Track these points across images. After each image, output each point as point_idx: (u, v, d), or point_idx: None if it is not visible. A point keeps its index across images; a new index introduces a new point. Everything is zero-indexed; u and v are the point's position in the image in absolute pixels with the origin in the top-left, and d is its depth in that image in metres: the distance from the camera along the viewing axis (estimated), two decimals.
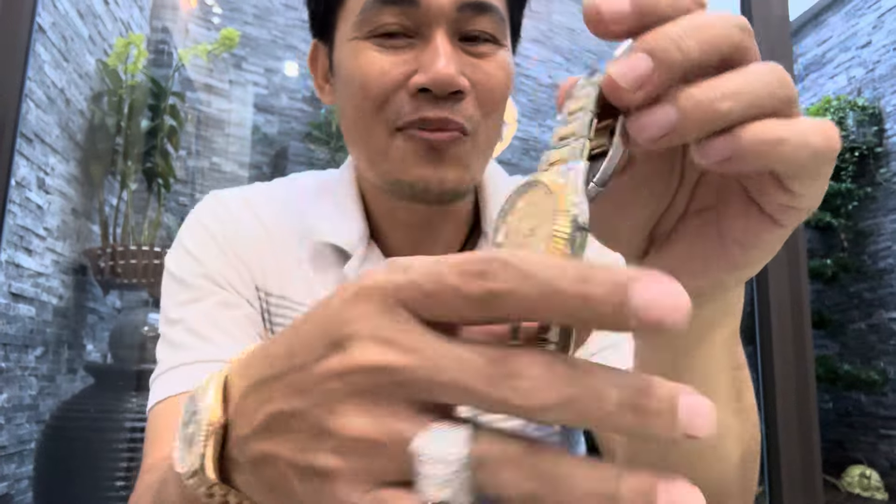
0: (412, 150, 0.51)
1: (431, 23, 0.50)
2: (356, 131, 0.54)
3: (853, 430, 5.33)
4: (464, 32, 0.51)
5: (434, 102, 0.50)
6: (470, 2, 0.50)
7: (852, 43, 5.60)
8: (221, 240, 0.58)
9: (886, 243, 5.24)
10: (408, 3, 0.49)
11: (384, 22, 0.50)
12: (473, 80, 0.51)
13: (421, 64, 0.50)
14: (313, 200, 0.60)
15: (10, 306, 2.48)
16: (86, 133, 3.07)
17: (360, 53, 0.51)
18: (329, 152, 4.37)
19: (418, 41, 0.51)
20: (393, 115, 0.51)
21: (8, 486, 2.55)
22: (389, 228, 0.59)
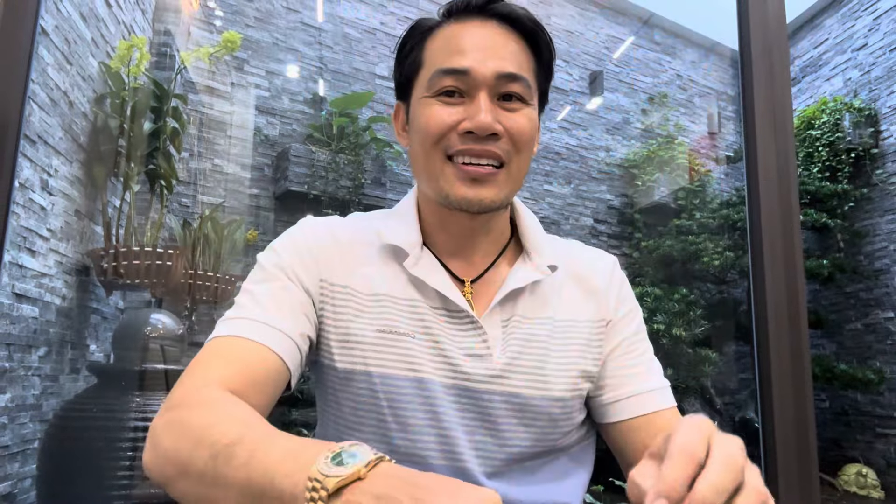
0: (458, 177, 0.72)
1: (478, 86, 0.72)
2: (421, 159, 0.75)
3: (849, 429, 5.36)
4: (500, 93, 0.73)
5: (476, 140, 0.71)
6: (504, 73, 0.72)
7: (848, 45, 5.63)
8: (301, 245, 0.77)
9: (882, 244, 5.26)
10: (461, 73, 0.72)
11: (445, 85, 0.72)
12: (506, 126, 0.72)
13: (468, 114, 0.71)
14: (383, 218, 0.82)
15: (14, 307, 2.49)
16: (89, 135, 3.08)
17: (428, 106, 0.73)
18: (330, 154, 4.38)
19: (468, 99, 0.73)
20: (446, 147, 0.73)
21: (11, 484, 2.55)
22: (440, 236, 0.80)
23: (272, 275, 0.75)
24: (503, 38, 0.74)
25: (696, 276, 5.30)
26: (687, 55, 6.49)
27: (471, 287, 0.78)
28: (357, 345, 0.73)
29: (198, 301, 3.69)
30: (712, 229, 5.29)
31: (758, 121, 1.34)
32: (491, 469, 0.73)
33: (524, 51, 0.75)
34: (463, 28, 0.74)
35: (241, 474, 0.50)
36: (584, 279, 0.82)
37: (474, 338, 0.74)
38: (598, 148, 5.87)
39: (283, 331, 0.70)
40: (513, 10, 0.75)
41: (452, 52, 0.73)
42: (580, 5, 5.94)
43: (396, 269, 0.76)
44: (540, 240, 0.82)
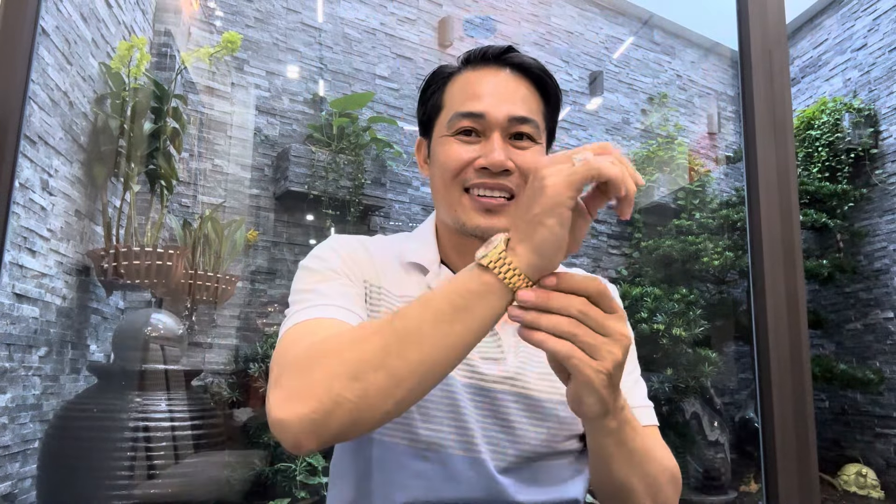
0: (474, 207, 0.81)
1: (492, 128, 0.81)
2: (441, 190, 0.84)
3: (849, 429, 5.36)
4: (512, 133, 0.82)
5: (490, 175, 0.80)
6: (516, 116, 0.81)
7: (848, 45, 5.64)
8: (342, 251, 0.84)
9: (882, 244, 5.27)
10: (478, 116, 0.81)
11: (463, 126, 0.82)
12: (517, 162, 0.81)
13: (484, 152, 0.81)
14: (405, 240, 0.92)
15: (14, 307, 2.49)
16: (89, 135, 3.08)
17: (447, 144, 0.83)
18: (330, 154, 4.39)
19: (483, 138, 0.82)
20: (463, 181, 0.82)
21: (12, 484, 2.55)
22: (455, 257, 0.89)
23: (327, 275, 0.80)
24: (515, 85, 0.84)
25: (695, 276, 5.30)
26: (687, 55, 6.50)
27: None
28: None
29: (198, 301, 3.69)
30: (712, 229, 5.29)
31: (758, 121, 1.34)
32: (504, 464, 0.79)
33: (533, 95, 0.85)
34: (479, 75, 0.84)
35: (436, 304, 0.60)
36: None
37: (490, 343, 0.83)
38: None
39: (355, 311, 0.75)
40: (524, 60, 0.84)
41: (470, 97, 0.82)
42: (580, 5, 5.94)
43: (419, 280, 0.86)
44: None
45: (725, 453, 4.49)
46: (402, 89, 4.94)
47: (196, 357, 3.87)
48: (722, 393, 5.11)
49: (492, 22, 5.41)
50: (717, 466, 4.40)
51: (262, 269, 4.25)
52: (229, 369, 3.87)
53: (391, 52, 4.92)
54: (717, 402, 4.67)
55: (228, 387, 3.71)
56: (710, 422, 4.48)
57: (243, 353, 3.82)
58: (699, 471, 4.38)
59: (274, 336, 3.82)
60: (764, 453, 1.26)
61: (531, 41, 5.60)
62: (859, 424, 5.28)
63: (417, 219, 4.84)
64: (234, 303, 4.03)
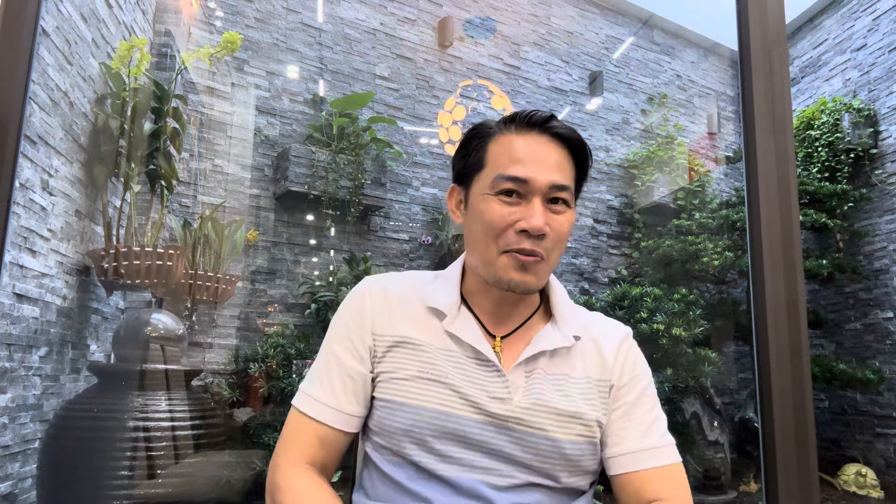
0: (511, 265, 0.88)
1: (534, 193, 0.88)
2: (481, 246, 0.91)
3: (849, 429, 5.36)
4: (550, 198, 0.89)
5: (529, 238, 0.87)
6: (556, 184, 0.88)
7: (848, 45, 5.64)
8: (356, 310, 0.96)
9: (882, 244, 5.27)
10: (522, 181, 0.87)
11: (506, 188, 0.88)
12: (552, 227, 0.88)
13: (525, 216, 0.87)
14: (430, 282, 0.99)
15: (15, 307, 2.49)
16: (89, 135, 3.08)
17: (490, 203, 0.89)
18: (330, 154, 4.39)
19: (524, 200, 0.88)
20: (504, 244, 0.88)
21: (12, 484, 2.55)
22: (480, 299, 0.96)
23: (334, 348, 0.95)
24: (554, 151, 0.90)
25: (695, 276, 5.30)
26: (686, 55, 6.50)
27: (500, 342, 0.94)
28: (401, 381, 0.90)
29: (198, 301, 3.69)
30: (712, 229, 5.29)
31: (757, 121, 1.34)
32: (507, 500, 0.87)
33: (569, 162, 0.92)
34: (523, 139, 0.90)
35: None
36: (599, 345, 0.97)
37: (499, 383, 0.89)
38: (597, 148, 5.87)
39: (340, 409, 0.91)
40: (563, 130, 0.91)
41: (514, 161, 0.88)
42: (580, 5, 5.94)
43: (437, 324, 0.93)
44: (567, 311, 0.98)
45: (725, 453, 4.49)
46: (402, 89, 4.94)
47: (196, 357, 3.87)
48: (722, 393, 5.11)
49: (492, 22, 5.41)
50: (717, 466, 4.40)
51: (263, 269, 4.25)
52: (229, 369, 3.87)
53: (391, 53, 4.92)
54: (717, 402, 4.67)
55: (228, 387, 3.71)
56: (710, 422, 4.48)
57: (243, 353, 3.82)
58: (699, 471, 4.38)
59: (274, 336, 3.82)
60: (764, 453, 1.26)
61: (531, 41, 5.60)
62: (859, 424, 5.28)
63: (417, 219, 4.85)
64: (235, 303, 4.03)
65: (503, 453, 0.87)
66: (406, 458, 0.88)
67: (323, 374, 0.93)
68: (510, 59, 5.46)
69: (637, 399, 0.95)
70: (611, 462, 0.93)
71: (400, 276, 1.01)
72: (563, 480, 0.89)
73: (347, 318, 0.95)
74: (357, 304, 0.96)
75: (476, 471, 0.87)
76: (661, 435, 0.94)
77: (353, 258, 4.41)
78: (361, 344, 0.93)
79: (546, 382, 0.91)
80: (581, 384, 0.93)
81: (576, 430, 0.89)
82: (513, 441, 0.87)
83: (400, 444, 0.89)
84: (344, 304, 0.98)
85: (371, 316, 0.94)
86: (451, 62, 5.16)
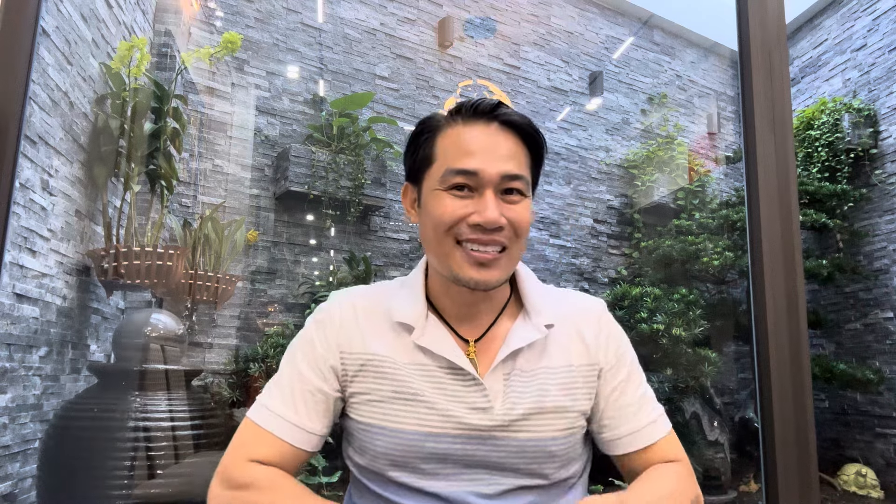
0: (467, 261, 0.85)
1: (485, 185, 0.84)
2: (433, 242, 0.87)
3: (849, 429, 5.36)
4: (503, 189, 0.85)
5: (483, 232, 0.84)
6: (508, 174, 0.84)
7: (848, 45, 5.64)
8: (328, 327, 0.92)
9: (882, 244, 5.27)
10: (471, 174, 0.84)
11: (457, 182, 0.85)
12: (508, 217, 0.85)
13: (477, 208, 0.84)
14: (395, 294, 0.94)
15: (15, 307, 2.49)
16: (89, 135, 3.08)
17: (441, 198, 0.85)
18: (330, 154, 4.39)
19: (476, 194, 0.85)
20: (456, 235, 0.85)
21: (12, 484, 2.55)
22: (446, 302, 0.92)
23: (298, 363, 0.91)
24: (505, 140, 0.86)
25: (695, 276, 5.30)
26: (686, 55, 6.50)
27: (474, 346, 0.91)
28: (376, 403, 0.87)
29: (198, 301, 3.69)
30: (712, 229, 5.29)
31: (757, 121, 1.34)
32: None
33: (521, 150, 0.88)
34: (471, 131, 0.86)
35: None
36: (577, 327, 0.94)
37: (477, 393, 0.86)
38: (597, 148, 5.87)
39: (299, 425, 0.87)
40: (512, 116, 0.87)
41: (463, 153, 0.85)
42: (580, 5, 5.94)
43: (407, 339, 0.89)
44: (538, 299, 0.94)
45: (725, 453, 4.49)
46: (402, 89, 4.94)
47: (196, 357, 3.87)
48: (722, 393, 5.11)
49: (492, 22, 5.41)
50: (717, 466, 4.40)
51: (262, 269, 4.25)
52: (229, 369, 3.87)
53: (391, 53, 4.92)
54: (717, 402, 4.67)
55: (228, 387, 3.71)
56: (710, 422, 4.48)
57: (243, 353, 3.83)
58: (699, 470, 4.38)
59: (274, 336, 3.82)
60: (764, 453, 1.26)
61: (531, 41, 5.60)
62: (859, 424, 5.28)
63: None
64: (234, 303, 4.03)
65: (489, 462, 0.85)
66: (391, 478, 0.86)
67: (284, 388, 0.89)
68: (510, 59, 5.46)
69: (627, 377, 0.93)
70: (610, 444, 0.93)
71: (369, 291, 0.97)
72: (553, 476, 0.88)
73: (314, 334, 0.91)
74: (325, 321, 0.92)
75: (463, 482, 0.85)
76: (654, 407, 0.94)
77: (353, 258, 4.41)
78: (325, 363, 0.89)
79: (525, 382, 0.88)
80: (562, 375, 0.90)
81: (559, 426, 0.88)
82: (497, 449, 0.85)
83: (383, 466, 0.87)
84: (312, 321, 0.94)
85: (339, 334, 0.91)
86: (451, 62, 5.16)
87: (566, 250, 5.52)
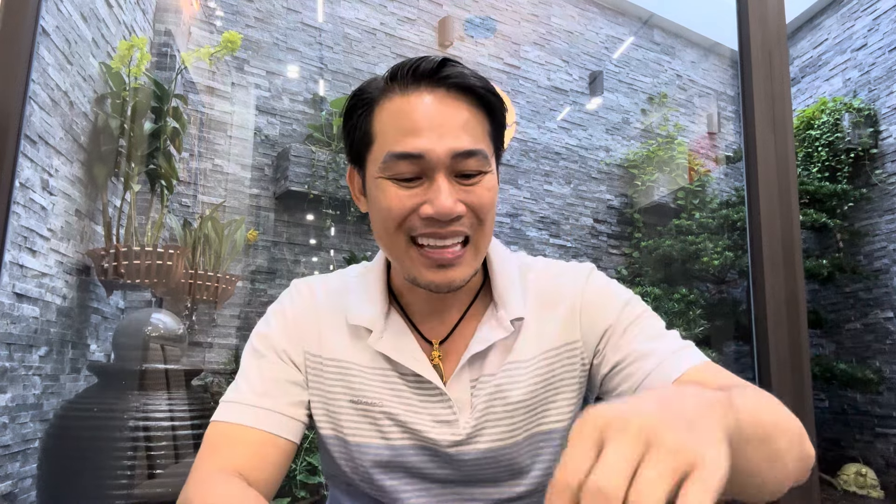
0: (425, 264, 0.71)
1: (434, 168, 0.69)
2: (385, 238, 0.73)
3: (849, 429, 5.36)
4: (458, 171, 0.70)
5: (439, 225, 0.69)
6: (461, 151, 0.68)
7: (848, 45, 5.64)
8: (289, 318, 0.81)
9: (882, 244, 5.27)
10: (416, 157, 0.68)
11: (400, 170, 0.69)
12: (467, 202, 0.70)
13: (428, 197, 0.69)
14: (354, 288, 0.82)
15: (15, 306, 2.49)
16: (89, 135, 3.08)
17: (384, 189, 0.70)
18: (330, 154, 4.39)
19: (426, 180, 0.69)
20: (409, 230, 0.71)
21: (12, 484, 2.55)
22: (411, 297, 0.80)
23: (263, 354, 0.79)
24: (454, 109, 0.70)
25: (695, 276, 5.30)
26: (687, 55, 6.50)
27: (439, 349, 0.79)
28: (334, 413, 0.78)
29: (198, 301, 3.69)
30: (712, 229, 5.29)
31: (757, 121, 1.34)
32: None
33: (476, 116, 0.71)
34: (411, 102, 0.70)
35: None
36: (554, 302, 0.80)
37: (441, 405, 0.76)
38: (597, 148, 5.87)
39: (276, 410, 0.75)
40: (463, 76, 0.70)
41: (404, 132, 0.69)
42: (580, 5, 5.94)
43: (364, 344, 0.78)
44: (508, 289, 0.79)
45: None
46: None
47: (196, 357, 3.87)
48: None
49: (492, 22, 5.41)
50: None
51: (262, 268, 4.25)
52: (229, 369, 3.87)
53: (391, 52, 4.92)
54: None
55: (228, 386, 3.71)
56: None
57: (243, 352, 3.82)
58: None
59: None
60: None
61: (531, 41, 5.60)
62: (859, 424, 5.28)
63: None
64: (234, 302, 4.03)
65: (462, 479, 0.76)
66: (361, 490, 0.78)
67: (253, 380, 0.77)
68: (510, 58, 5.45)
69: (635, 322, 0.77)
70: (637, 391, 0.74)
71: (329, 281, 0.85)
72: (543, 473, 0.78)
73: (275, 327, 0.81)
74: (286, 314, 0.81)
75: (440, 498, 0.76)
76: (675, 344, 0.74)
77: (353, 258, 4.41)
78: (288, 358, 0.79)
79: (492, 386, 0.76)
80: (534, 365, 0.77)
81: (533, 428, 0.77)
82: (471, 465, 0.75)
83: (350, 478, 0.78)
84: (272, 312, 0.83)
85: (298, 329, 0.80)
86: None
87: (566, 250, 5.52)
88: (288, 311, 0.82)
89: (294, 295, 0.83)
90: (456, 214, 0.69)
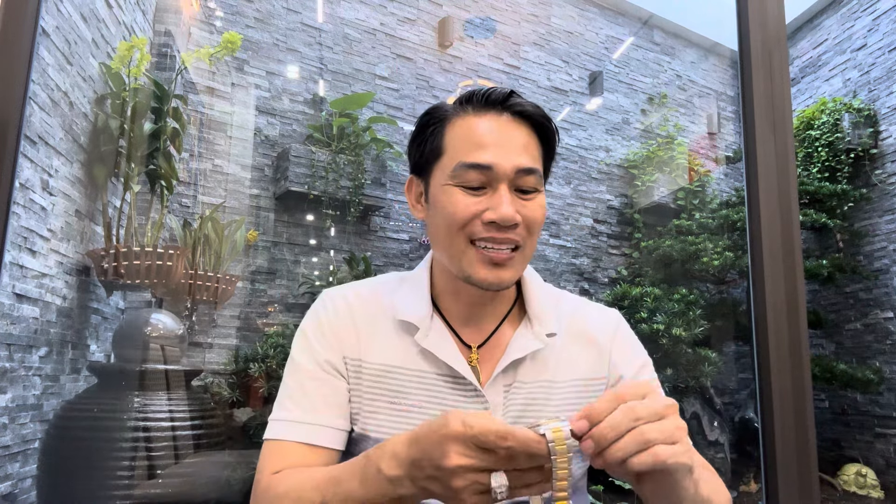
0: (481, 260, 0.81)
1: (499, 180, 0.79)
2: (445, 240, 0.83)
3: (849, 429, 5.36)
4: (517, 185, 0.81)
5: (498, 229, 0.79)
6: (523, 168, 0.80)
7: (848, 45, 5.64)
8: (325, 327, 0.87)
9: (882, 244, 5.27)
10: (486, 168, 0.79)
11: (469, 179, 0.80)
12: (522, 214, 0.80)
13: (491, 205, 0.79)
14: (397, 287, 0.90)
15: (15, 307, 2.49)
16: (89, 135, 3.08)
17: (452, 194, 0.81)
18: (330, 154, 4.39)
19: (490, 189, 0.80)
20: (469, 233, 0.80)
21: (12, 484, 2.55)
22: (451, 303, 0.89)
23: (306, 369, 0.86)
24: (518, 132, 0.82)
25: (695, 276, 5.30)
26: (686, 55, 6.50)
27: (477, 353, 0.86)
28: (371, 414, 0.83)
29: (198, 301, 3.69)
30: (712, 229, 5.29)
31: (757, 121, 1.34)
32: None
33: (534, 141, 0.83)
34: (483, 122, 0.81)
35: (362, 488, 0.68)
36: (586, 338, 0.90)
37: (476, 405, 0.83)
38: (597, 148, 5.87)
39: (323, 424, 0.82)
40: (525, 106, 0.82)
41: (474, 147, 0.80)
42: (580, 5, 5.94)
43: (409, 340, 0.85)
44: (543, 306, 0.89)
45: (725, 453, 4.49)
46: (402, 89, 4.94)
47: (196, 357, 3.87)
48: (722, 393, 5.11)
49: (492, 22, 5.41)
50: (717, 466, 4.39)
51: (262, 269, 4.25)
52: (229, 369, 3.87)
53: (391, 53, 4.92)
54: (717, 402, 4.67)
55: (228, 387, 3.71)
56: (710, 422, 4.48)
57: (243, 353, 3.82)
58: None
59: (274, 336, 3.82)
60: (764, 453, 1.26)
61: (531, 41, 5.60)
62: (859, 424, 5.28)
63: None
64: (234, 303, 4.03)
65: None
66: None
67: (296, 395, 0.83)
68: (510, 59, 5.46)
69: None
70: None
71: (364, 287, 0.92)
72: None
73: (312, 339, 0.86)
74: (321, 324, 0.87)
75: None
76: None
77: (353, 258, 4.41)
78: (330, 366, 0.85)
79: (526, 395, 0.84)
80: (566, 390, 0.86)
81: None
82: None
83: None
84: (307, 325, 0.89)
85: (337, 336, 0.86)
86: (451, 62, 5.16)
87: (566, 250, 5.52)
88: (323, 321, 0.88)
89: (327, 304, 0.89)
90: (514, 222, 0.79)
